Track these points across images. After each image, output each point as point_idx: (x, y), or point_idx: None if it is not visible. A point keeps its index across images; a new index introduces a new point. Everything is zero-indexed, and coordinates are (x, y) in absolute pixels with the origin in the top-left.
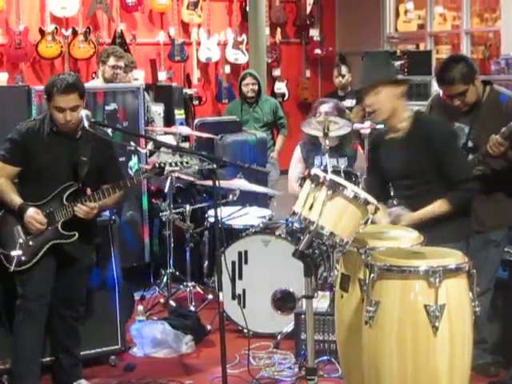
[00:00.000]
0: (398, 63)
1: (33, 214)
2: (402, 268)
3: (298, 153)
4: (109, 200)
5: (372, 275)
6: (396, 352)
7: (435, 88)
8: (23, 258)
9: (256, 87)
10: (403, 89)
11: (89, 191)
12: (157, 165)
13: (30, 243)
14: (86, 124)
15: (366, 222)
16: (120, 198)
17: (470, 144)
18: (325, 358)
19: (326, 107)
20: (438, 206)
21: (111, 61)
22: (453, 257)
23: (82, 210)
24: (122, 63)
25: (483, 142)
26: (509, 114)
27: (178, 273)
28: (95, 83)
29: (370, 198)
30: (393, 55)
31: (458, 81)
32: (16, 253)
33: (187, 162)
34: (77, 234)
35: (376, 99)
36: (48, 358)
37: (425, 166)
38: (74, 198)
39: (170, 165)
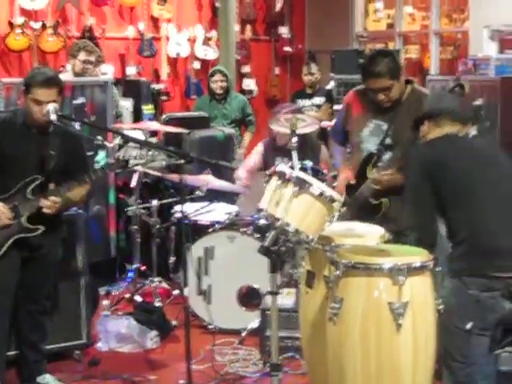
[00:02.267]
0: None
1: (0, 208)
2: (366, 265)
3: (259, 147)
4: (74, 194)
5: (337, 272)
6: (360, 349)
7: None
8: None
9: (225, 84)
10: None
11: (52, 186)
12: (121, 158)
13: None
14: (53, 117)
15: (331, 219)
16: (86, 193)
17: (387, 141)
18: (289, 354)
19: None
20: None
21: (82, 55)
22: (418, 255)
23: (44, 204)
24: (92, 58)
25: (401, 140)
26: None
27: (143, 268)
28: (64, 77)
29: (336, 195)
30: (361, 54)
31: (384, 74)
32: None
33: (152, 156)
34: (41, 228)
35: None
36: (13, 352)
37: None
38: (38, 192)
39: (135, 158)
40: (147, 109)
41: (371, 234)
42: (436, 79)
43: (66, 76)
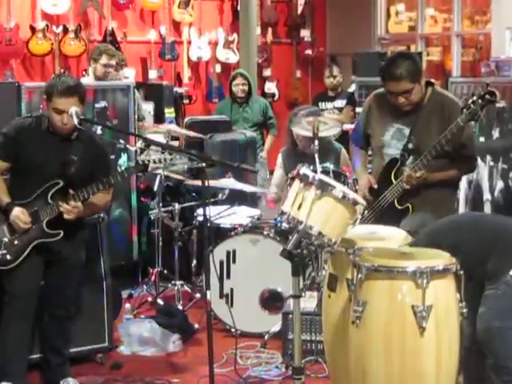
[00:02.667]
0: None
1: (18, 213)
2: (389, 268)
3: (278, 160)
4: (98, 199)
5: (359, 275)
6: (383, 352)
7: None
8: (8, 257)
9: (246, 87)
10: None
11: (72, 191)
12: (140, 162)
13: (15, 242)
14: (76, 121)
15: (354, 222)
16: (107, 197)
17: (410, 146)
18: (312, 357)
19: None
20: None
21: (103, 59)
22: (440, 258)
23: (65, 208)
24: (113, 62)
25: (424, 144)
26: (450, 118)
27: (166, 271)
28: (86, 81)
29: (359, 198)
30: (383, 56)
31: (405, 77)
32: (1, 252)
33: (171, 159)
34: (62, 233)
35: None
36: (36, 355)
37: None
38: (59, 197)
39: (154, 162)
40: (169, 112)
41: (394, 236)
42: (458, 81)
43: (87, 80)
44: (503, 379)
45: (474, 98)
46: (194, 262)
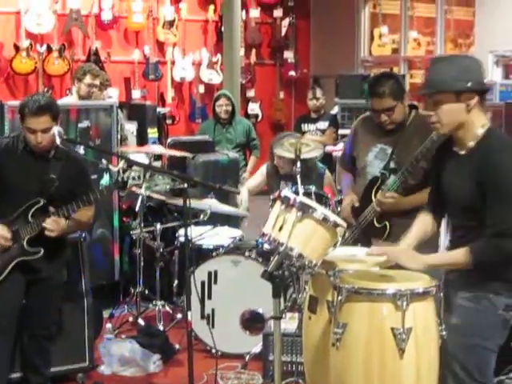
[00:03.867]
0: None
1: None
2: (369, 291)
3: (263, 169)
4: (81, 216)
5: (340, 297)
6: (362, 374)
7: None
8: None
9: (230, 108)
10: (476, 100)
11: (52, 209)
12: (119, 179)
13: None
14: (58, 141)
15: (335, 245)
16: (89, 213)
17: (392, 165)
18: (292, 379)
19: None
20: (460, 255)
21: (87, 79)
22: (420, 280)
23: (47, 224)
24: (97, 81)
25: (405, 163)
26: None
27: (147, 291)
28: (69, 100)
29: (340, 221)
30: (366, 79)
31: (387, 95)
32: None
33: (151, 176)
34: (42, 251)
35: (435, 110)
36: (17, 374)
37: (474, 199)
38: (39, 215)
39: (133, 178)
40: (152, 132)
41: (374, 259)
42: None
43: (71, 99)
44: None
45: None
46: (176, 282)
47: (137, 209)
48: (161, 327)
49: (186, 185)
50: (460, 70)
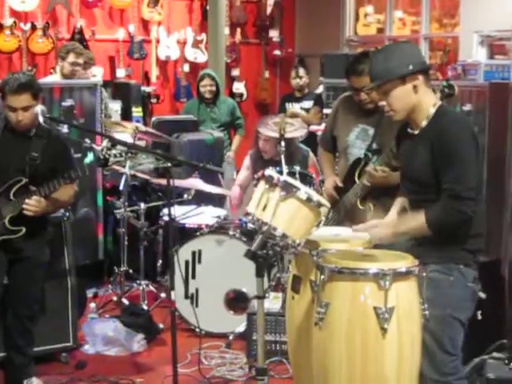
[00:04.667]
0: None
1: None
2: (352, 270)
3: (246, 161)
4: (61, 195)
5: (323, 277)
6: (345, 354)
7: None
8: None
9: (214, 88)
10: (421, 79)
11: (33, 187)
12: (101, 156)
13: None
14: (41, 119)
15: (318, 224)
16: (71, 192)
17: (374, 146)
18: (276, 358)
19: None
20: (417, 220)
21: (71, 57)
22: (403, 260)
23: (28, 204)
24: (81, 60)
25: (388, 143)
26: None
27: (131, 271)
28: (53, 79)
29: (323, 201)
30: (351, 58)
31: (367, 73)
32: None
33: (132, 153)
34: (24, 230)
35: (386, 100)
36: (1, 354)
37: (429, 174)
38: (21, 194)
39: (115, 156)
40: (136, 111)
41: (357, 239)
42: None
43: (54, 78)
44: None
45: None
46: (160, 261)
47: (121, 188)
48: (145, 307)
49: (169, 164)
50: (399, 56)
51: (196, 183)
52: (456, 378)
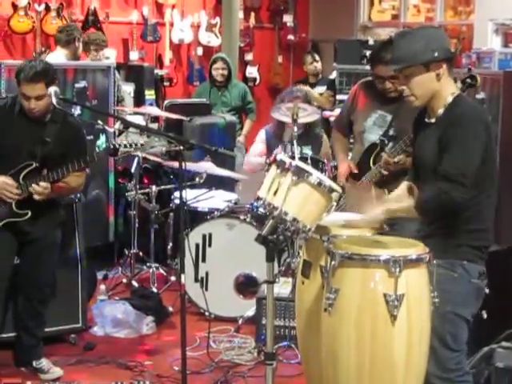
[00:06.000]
0: (369, 52)
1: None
2: (362, 256)
3: (262, 135)
4: (71, 181)
5: (333, 262)
6: (354, 340)
7: None
8: None
9: (226, 72)
10: (444, 67)
11: (44, 171)
12: (111, 145)
13: None
14: (54, 101)
15: (329, 210)
16: (80, 180)
17: (390, 132)
18: (285, 343)
19: (295, 98)
20: (407, 202)
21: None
22: (414, 247)
23: (34, 190)
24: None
25: (405, 131)
26: None
27: (141, 253)
28: (56, 55)
29: (335, 186)
30: (365, 44)
31: None
32: None
33: (142, 144)
34: (29, 213)
35: (407, 84)
36: (9, 334)
37: (436, 160)
38: (31, 178)
39: (125, 146)
40: (149, 94)
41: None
42: None
43: (55, 57)
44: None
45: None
46: (170, 244)
47: (132, 170)
48: (154, 289)
49: (181, 147)
50: (425, 41)
51: (208, 167)
52: (459, 375)
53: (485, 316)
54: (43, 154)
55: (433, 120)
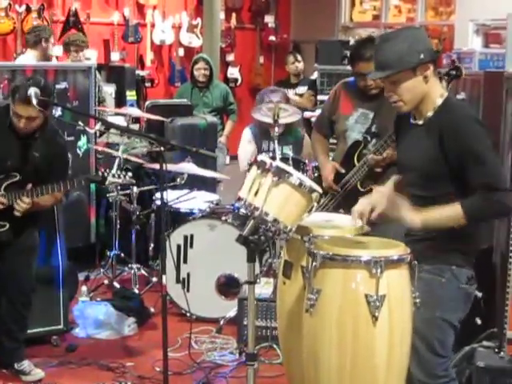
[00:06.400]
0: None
1: None
2: (344, 257)
3: (247, 134)
4: (47, 199)
5: (314, 263)
6: (335, 340)
7: None
8: None
9: (208, 72)
10: (431, 69)
11: (29, 186)
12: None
13: None
14: (35, 102)
15: (310, 210)
16: (57, 199)
17: (373, 129)
18: (266, 343)
19: (275, 96)
20: (451, 210)
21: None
22: (395, 248)
23: (19, 205)
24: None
25: (387, 128)
26: None
27: (123, 254)
28: (25, 58)
29: (315, 186)
30: (346, 45)
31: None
32: None
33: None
34: (7, 226)
35: (394, 90)
36: None
37: (434, 165)
38: (12, 190)
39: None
40: (130, 95)
41: (349, 225)
42: None
43: (27, 57)
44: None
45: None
46: (152, 245)
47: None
48: (136, 290)
49: (162, 148)
50: (408, 43)
51: (189, 167)
52: (445, 381)
53: (479, 322)
54: (28, 168)
55: (420, 122)
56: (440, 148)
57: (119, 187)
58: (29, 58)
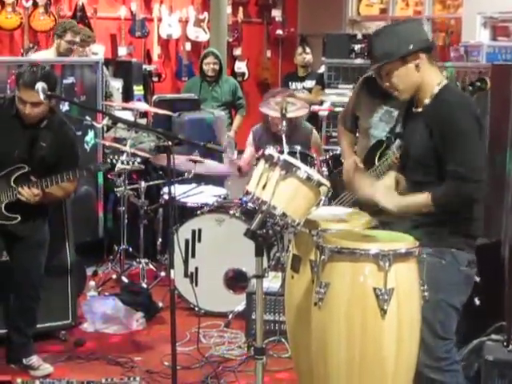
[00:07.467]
0: (358, 46)
1: None
2: (352, 251)
3: (249, 138)
4: (57, 190)
5: (322, 257)
6: (344, 334)
7: None
8: None
9: (217, 67)
10: (423, 57)
11: (34, 178)
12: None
13: None
14: (42, 97)
15: (318, 204)
16: (70, 188)
17: (397, 129)
18: (275, 338)
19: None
20: (421, 198)
21: (68, 36)
22: (404, 241)
23: (24, 193)
24: (78, 39)
25: None
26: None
27: (131, 249)
28: (46, 54)
29: (323, 180)
30: (353, 38)
31: None
32: None
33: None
34: (19, 218)
35: (389, 81)
36: (3, 331)
37: (427, 152)
38: (22, 181)
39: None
40: (137, 89)
41: (357, 219)
42: None
43: (48, 54)
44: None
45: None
46: (160, 240)
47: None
48: (144, 285)
49: (170, 143)
50: (399, 36)
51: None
52: (448, 364)
53: (477, 303)
54: (36, 159)
55: (419, 110)
56: (431, 134)
57: (127, 182)
58: (48, 53)
